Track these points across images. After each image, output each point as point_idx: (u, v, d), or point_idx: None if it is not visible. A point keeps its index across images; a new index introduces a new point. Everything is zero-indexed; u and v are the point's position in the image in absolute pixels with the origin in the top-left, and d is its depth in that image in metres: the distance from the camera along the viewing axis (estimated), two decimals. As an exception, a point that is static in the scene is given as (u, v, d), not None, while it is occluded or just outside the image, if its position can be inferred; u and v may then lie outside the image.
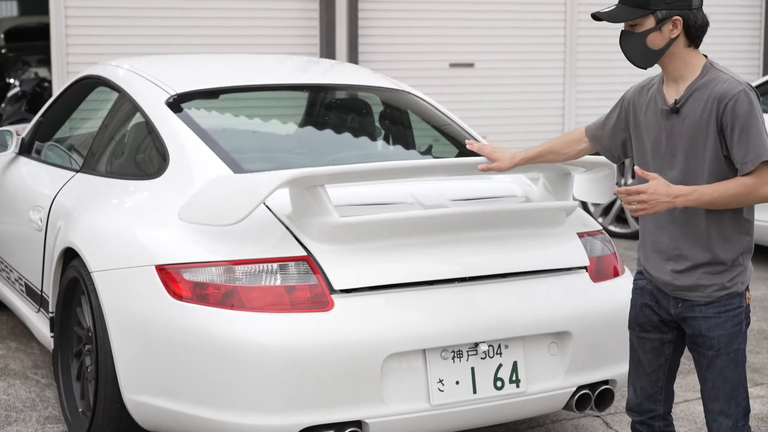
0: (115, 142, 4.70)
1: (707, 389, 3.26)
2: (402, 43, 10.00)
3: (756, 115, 3.04)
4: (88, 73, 5.31)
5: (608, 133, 3.44)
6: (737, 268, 3.20)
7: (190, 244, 3.70)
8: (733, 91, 3.06)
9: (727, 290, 3.18)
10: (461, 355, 3.72)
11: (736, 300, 3.20)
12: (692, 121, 3.12)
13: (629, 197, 3.06)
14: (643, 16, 3.12)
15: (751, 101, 3.05)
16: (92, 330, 3.96)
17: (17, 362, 5.32)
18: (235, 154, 4.15)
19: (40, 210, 4.79)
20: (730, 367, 3.20)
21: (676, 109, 3.15)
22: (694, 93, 3.13)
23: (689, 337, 3.27)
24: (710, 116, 3.08)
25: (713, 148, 3.10)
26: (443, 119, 4.98)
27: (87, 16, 8.98)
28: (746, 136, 3.03)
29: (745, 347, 3.24)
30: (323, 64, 5.99)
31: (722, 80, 3.10)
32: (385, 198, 3.92)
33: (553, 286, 3.91)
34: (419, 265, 3.72)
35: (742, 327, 3.22)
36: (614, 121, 3.41)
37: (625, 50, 3.21)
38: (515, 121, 10.36)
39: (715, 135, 3.08)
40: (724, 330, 3.18)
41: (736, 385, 3.22)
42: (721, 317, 3.18)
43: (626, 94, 3.39)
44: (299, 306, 3.55)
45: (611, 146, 3.45)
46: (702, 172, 3.12)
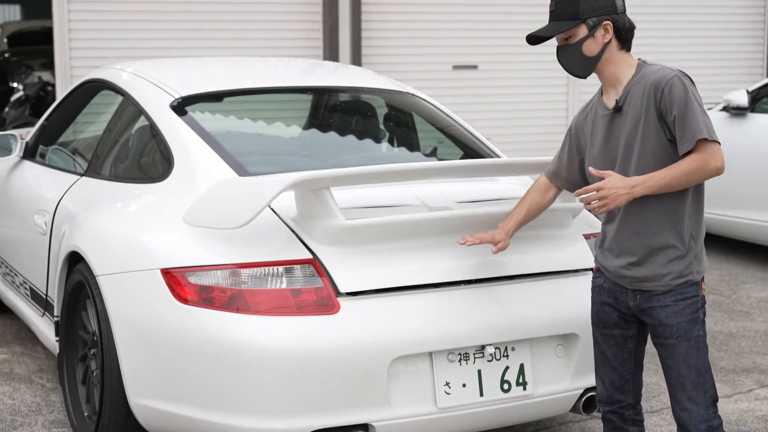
0: (119, 145, 4.70)
1: (673, 379, 3.35)
2: (405, 45, 9.99)
3: (690, 97, 3.20)
4: (92, 77, 5.30)
5: (565, 165, 3.59)
6: (690, 255, 3.31)
7: (195, 248, 3.69)
8: (667, 77, 3.22)
9: (683, 278, 3.31)
10: (468, 358, 3.71)
11: (692, 289, 3.32)
12: (634, 114, 3.28)
13: (588, 196, 3.21)
14: (575, 27, 3.31)
15: (684, 84, 3.21)
16: (97, 334, 3.96)
17: (22, 366, 5.32)
18: (239, 157, 4.14)
19: (45, 214, 4.79)
20: (692, 353, 3.31)
21: (618, 108, 3.32)
22: (632, 89, 3.30)
23: (650, 328, 3.39)
24: (649, 105, 3.24)
25: (657, 136, 3.25)
26: (448, 121, 4.97)
27: (90, 20, 8.98)
28: (683, 117, 3.19)
29: (705, 336, 3.35)
30: (327, 66, 5.98)
31: (655, 70, 3.29)
32: (390, 200, 3.91)
33: (559, 287, 3.91)
34: (425, 268, 3.71)
35: (700, 315, 3.35)
36: (567, 152, 3.58)
37: (564, 63, 3.39)
38: (519, 122, 10.35)
39: (656, 122, 3.24)
40: (682, 317, 3.31)
41: (701, 372, 3.32)
42: (678, 305, 3.31)
43: (571, 124, 3.58)
44: (305, 309, 3.54)
45: (570, 176, 3.60)
46: (651, 161, 3.26)
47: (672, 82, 3.21)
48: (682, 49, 10.98)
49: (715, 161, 3.20)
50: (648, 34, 10.56)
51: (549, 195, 3.67)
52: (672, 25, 10.94)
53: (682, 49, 10.98)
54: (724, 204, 7.86)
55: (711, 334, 5.97)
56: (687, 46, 11.05)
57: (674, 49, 10.89)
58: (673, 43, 10.93)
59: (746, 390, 5.07)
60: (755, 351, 5.67)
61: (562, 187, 3.65)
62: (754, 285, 7.23)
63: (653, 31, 10.67)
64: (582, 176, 3.56)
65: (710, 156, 3.19)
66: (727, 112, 8.03)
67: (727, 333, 6.02)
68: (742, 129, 7.86)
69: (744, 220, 7.82)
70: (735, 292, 7.03)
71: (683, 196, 3.30)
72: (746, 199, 7.75)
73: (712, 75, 11.00)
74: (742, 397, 4.96)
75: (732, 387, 5.11)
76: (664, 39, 10.83)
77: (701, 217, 3.38)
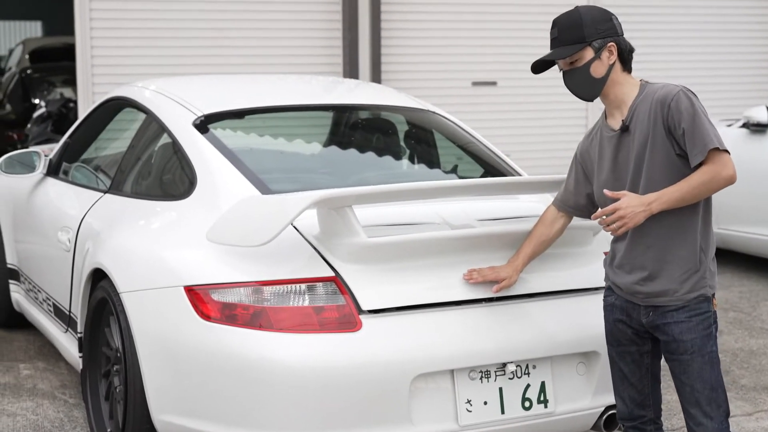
0: (142, 162, 4.73)
1: (686, 394, 3.38)
2: (425, 62, 10.03)
3: (697, 110, 3.24)
4: (115, 95, 5.35)
5: (572, 192, 3.64)
6: (702, 269, 3.34)
7: (218, 265, 3.71)
8: (672, 92, 3.28)
9: (695, 293, 3.34)
10: (489, 376, 3.72)
11: (704, 304, 3.35)
12: (642, 132, 3.32)
13: (607, 218, 3.25)
14: (582, 50, 3.37)
15: (689, 98, 3.26)
16: (121, 350, 3.98)
17: (45, 382, 5.35)
18: (262, 174, 4.16)
19: (69, 231, 4.83)
20: (706, 368, 3.34)
21: (625, 127, 3.37)
22: (638, 108, 3.35)
23: (663, 344, 3.41)
24: (656, 121, 3.28)
25: (666, 151, 3.29)
26: (468, 138, 4.99)
27: (112, 37, 9.05)
28: (692, 129, 3.22)
29: (717, 350, 3.38)
30: (348, 84, 6.01)
31: (659, 87, 3.34)
32: (411, 218, 3.93)
33: (580, 305, 3.91)
34: (447, 285, 3.73)
35: (713, 330, 3.37)
36: (573, 179, 3.62)
37: (572, 86, 3.44)
38: (538, 139, 10.36)
39: (664, 138, 3.28)
40: (696, 333, 3.33)
41: (714, 387, 3.35)
42: (692, 321, 3.33)
43: (576, 151, 3.63)
44: (327, 326, 3.56)
45: (577, 203, 3.64)
46: (661, 177, 3.29)
47: (677, 96, 3.26)
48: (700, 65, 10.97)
49: (727, 170, 3.23)
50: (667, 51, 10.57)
51: (557, 226, 3.73)
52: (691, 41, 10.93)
53: (701, 65, 10.97)
54: (745, 220, 7.84)
55: (732, 352, 5.95)
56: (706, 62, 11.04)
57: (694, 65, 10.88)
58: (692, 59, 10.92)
59: (767, 408, 5.06)
60: (776, 368, 5.66)
61: (571, 214, 3.68)
62: (759, 299, 7.21)
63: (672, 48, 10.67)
64: (589, 201, 3.59)
65: (722, 166, 3.22)
66: (747, 128, 8.02)
67: (748, 350, 6.00)
68: (762, 145, 7.84)
69: (764, 237, 7.80)
70: (756, 309, 7.01)
71: (695, 209, 3.33)
72: (766, 215, 7.72)
73: (731, 92, 10.98)
74: (764, 415, 4.95)
75: (753, 405, 5.09)
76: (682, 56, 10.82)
77: (711, 230, 3.40)
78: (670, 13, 10.73)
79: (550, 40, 3.44)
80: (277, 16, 9.53)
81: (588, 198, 3.59)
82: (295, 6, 9.59)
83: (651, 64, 9.99)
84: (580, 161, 3.59)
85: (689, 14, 10.88)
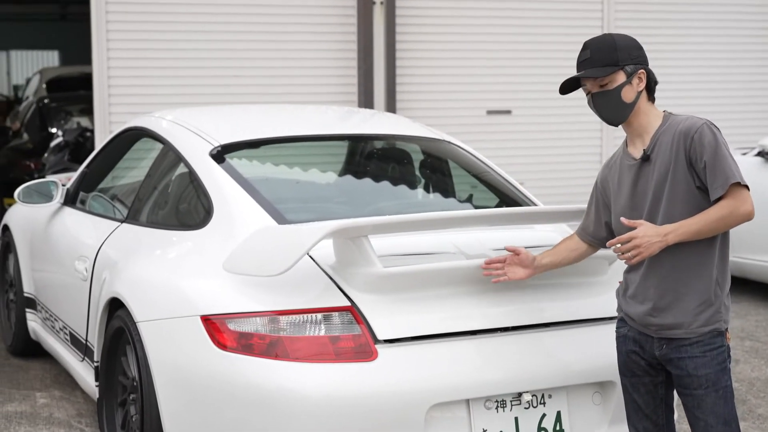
0: (159, 192, 4.76)
1: (700, 429, 3.37)
2: (439, 90, 10.06)
3: (720, 144, 3.25)
4: (132, 125, 5.39)
5: (593, 220, 3.64)
6: (717, 303, 3.33)
7: (235, 295, 3.73)
8: (696, 125, 3.29)
9: (709, 327, 3.33)
10: (505, 405, 3.72)
11: (718, 339, 3.35)
12: (663, 163, 3.32)
13: (622, 246, 3.26)
14: (615, 72, 3.37)
15: (713, 132, 3.27)
16: (137, 379, 4.00)
17: (61, 411, 5.37)
18: (278, 204, 4.19)
19: (86, 260, 4.86)
20: (720, 403, 3.33)
21: (646, 157, 3.37)
22: (660, 138, 3.35)
23: (676, 378, 3.40)
24: (678, 153, 3.29)
25: (686, 183, 3.30)
26: (483, 168, 5.01)
27: (129, 67, 9.11)
28: (713, 163, 3.23)
29: (731, 384, 3.36)
30: (363, 113, 6.04)
31: (683, 119, 3.34)
32: (427, 248, 3.95)
33: (596, 335, 3.91)
34: (462, 315, 3.74)
35: (727, 364, 3.36)
36: (594, 207, 3.63)
37: (601, 108, 3.43)
38: (552, 167, 10.36)
39: (685, 170, 3.28)
40: (711, 368, 3.32)
41: (728, 421, 3.34)
42: (706, 356, 3.32)
43: (597, 179, 3.63)
44: (343, 356, 3.57)
45: (597, 231, 3.64)
46: (680, 208, 3.30)
47: (701, 129, 3.27)
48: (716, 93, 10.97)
49: (746, 206, 3.24)
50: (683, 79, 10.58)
51: (576, 254, 3.72)
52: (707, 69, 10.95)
53: (717, 93, 10.98)
54: (761, 249, 7.82)
55: (748, 381, 5.93)
56: (722, 90, 11.04)
57: (709, 93, 10.89)
58: (708, 87, 10.93)
59: (785, 438, 5.04)
60: (793, 398, 5.63)
61: (591, 243, 3.68)
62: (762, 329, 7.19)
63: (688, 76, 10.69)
64: (609, 231, 3.59)
65: (741, 201, 3.23)
66: (762, 157, 8.02)
67: (765, 379, 5.97)
68: (777, 174, 7.83)
69: (780, 266, 7.78)
70: (772, 338, 6.99)
71: (712, 243, 3.32)
72: (782, 244, 7.71)
73: (746, 119, 10.98)
74: (781, 445, 4.93)
75: (770, 435, 5.07)
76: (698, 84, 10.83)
77: (727, 265, 3.40)
78: (683, 42, 10.75)
79: (578, 62, 3.43)
80: (292, 46, 9.59)
81: (608, 227, 3.59)
82: (311, 36, 9.65)
83: (663, 93, 10.01)
84: (600, 189, 3.59)
85: (702, 43, 10.89)
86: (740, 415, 5.15)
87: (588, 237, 3.67)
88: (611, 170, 3.54)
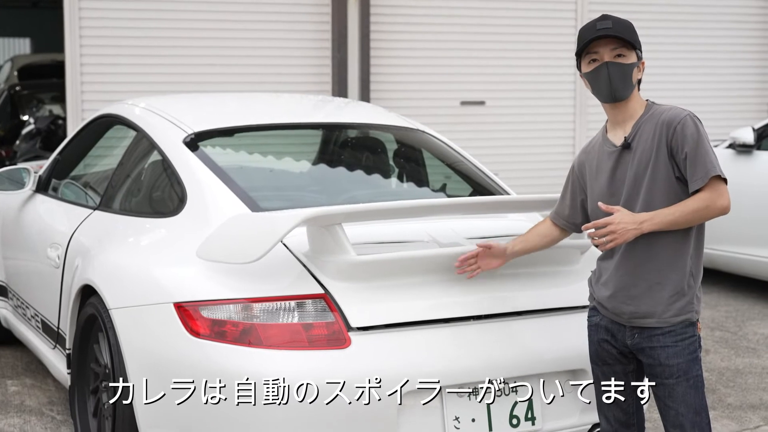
0: (132, 180, 4.75)
1: (671, 417, 3.38)
2: (413, 81, 10.08)
3: (702, 136, 3.28)
4: (106, 112, 5.36)
5: (568, 204, 3.64)
6: (690, 293, 3.36)
7: (208, 282, 3.73)
8: (680, 116, 3.31)
9: (681, 317, 3.35)
10: (477, 393, 3.74)
11: (690, 329, 3.37)
12: (644, 151, 3.34)
13: (597, 231, 3.26)
14: (632, 49, 3.39)
15: (696, 124, 3.29)
16: (110, 367, 3.99)
17: (33, 398, 5.35)
18: (252, 192, 4.19)
19: (58, 247, 4.83)
20: (690, 393, 3.35)
21: (627, 144, 3.37)
22: (642, 126, 3.37)
23: (647, 367, 3.42)
24: (660, 142, 3.30)
25: (666, 173, 3.31)
26: (456, 157, 5.03)
27: (102, 55, 9.07)
28: (694, 155, 3.25)
29: (702, 374, 3.39)
30: (338, 102, 6.04)
31: (666, 109, 3.36)
32: (400, 236, 3.96)
33: (568, 323, 3.93)
34: (435, 303, 3.75)
35: (698, 354, 3.39)
36: (569, 192, 3.63)
37: (613, 77, 3.37)
38: (526, 158, 10.41)
39: (666, 159, 3.30)
40: (682, 358, 3.34)
41: (698, 411, 3.36)
42: (678, 346, 3.34)
43: (573, 164, 3.63)
44: (316, 343, 3.58)
45: (572, 216, 3.64)
46: (659, 198, 3.31)
47: (685, 120, 3.28)
48: (688, 86, 11.06)
49: (722, 200, 3.26)
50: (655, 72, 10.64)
51: (549, 239, 3.72)
52: (679, 62, 11.02)
53: (688, 86, 11.06)
54: (731, 240, 7.89)
55: (718, 371, 5.98)
56: (693, 83, 11.12)
57: (681, 86, 10.96)
58: (680, 80, 11.00)
59: (753, 426, 5.08)
60: (762, 387, 5.69)
61: (564, 228, 3.68)
62: (761, 321, 7.25)
63: (660, 69, 10.75)
64: (584, 215, 3.60)
65: (718, 195, 3.25)
66: (733, 149, 8.08)
67: (734, 369, 6.03)
68: (748, 166, 7.90)
69: (750, 257, 7.85)
70: (741, 328, 7.05)
71: (688, 234, 3.34)
72: (752, 235, 7.78)
73: (717, 112, 11.06)
74: (750, 434, 4.99)
75: (739, 423, 5.12)
76: (670, 76, 10.90)
77: (702, 256, 3.42)
78: (654, 35, 10.81)
79: (596, 29, 3.34)
80: (266, 35, 9.58)
81: (583, 211, 3.60)
82: (285, 25, 9.64)
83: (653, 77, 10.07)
84: (577, 174, 3.59)
85: (673, 36, 10.96)
86: (710, 404, 5.20)
87: (562, 221, 3.67)
88: (589, 155, 3.54)
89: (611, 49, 3.37)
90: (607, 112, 3.48)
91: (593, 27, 3.38)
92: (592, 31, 3.37)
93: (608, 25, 3.35)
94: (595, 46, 3.38)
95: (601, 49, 3.38)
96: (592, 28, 3.38)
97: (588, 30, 3.39)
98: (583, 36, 3.40)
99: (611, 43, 3.37)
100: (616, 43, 3.37)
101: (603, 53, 3.38)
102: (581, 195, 3.58)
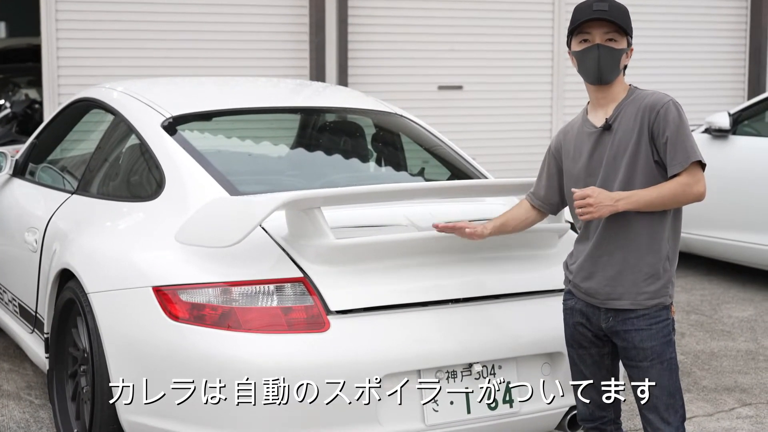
0: (110, 164, 4.73)
1: (645, 400, 3.41)
2: (391, 66, 10.07)
3: (683, 122, 3.32)
4: (83, 96, 5.34)
5: (544, 185, 3.65)
6: (665, 277, 3.39)
7: (186, 266, 3.73)
8: (662, 101, 3.35)
9: (655, 300, 3.38)
10: (455, 376, 3.76)
11: (663, 313, 3.40)
12: (624, 132, 3.36)
13: (577, 202, 3.29)
14: (624, 35, 3.41)
15: (678, 110, 3.33)
16: (88, 351, 3.99)
17: (11, 383, 5.34)
18: (230, 176, 4.18)
19: (35, 232, 4.82)
20: (665, 375, 3.39)
21: (608, 125, 3.39)
22: (624, 109, 3.39)
23: (622, 350, 3.45)
24: (642, 125, 3.33)
25: (645, 156, 3.34)
26: (434, 141, 5.04)
27: (78, 38, 9.02)
28: (675, 139, 3.29)
29: (676, 357, 3.43)
30: (316, 86, 6.04)
31: (649, 94, 3.40)
32: (379, 220, 3.97)
33: (545, 307, 3.96)
34: (414, 287, 3.77)
35: (672, 337, 3.42)
36: (546, 172, 3.64)
37: (603, 59, 3.38)
38: (503, 142, 10.43)
39: (647, 142, 3.33)
40: (656, 341, 3.38)
41: (672, 393, 3.40)
42: (652, 329, 3.38)
43: (550, 144, 3.64)
44: (295, 327, 3.59)
45: (548, 196, 3.65)
46: (637, 179, 3.34)
47: (668, 106, 3.32)
48: (665, 71, 11.09)
49: (699, 186, 3.30)
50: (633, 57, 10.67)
51: (527, 221, 3.72)
52: (655, 47, 11.05)
53: (665, 71, 11.09)
54: (706, 225, 7.94)
55: (693, 354, 6.04)
56: (670, 68, 11.16)
57: (657, 71, 10.99)
58: (656, 65, 11.04)
59: (728, 409, 5.13)
60: (736, 370, 5.74)
61: (541, 209, 3.69)
62: (736, 305, 7.31)
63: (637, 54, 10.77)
64: (560, 196, 3.62)
65: (695, 181, 3.29)
66: (709, 134, 8.13)
67: (709, 352, 6.08)
68: (723, 151, 7.95)
69: (725, 241, 7.90)
70: (717, 312, 7.11)
71: (664, 217, 3.37)
72: (727, 220, 7.83)
73: (694, 97, 11.11)
74: (724, 416, 5.03)
75: (714, 406, 5.17)
76: (648, 62, 10.93)
77: (678, 240, 3.45)
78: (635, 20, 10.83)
79: (592, 10, 3.35)
80: (244, 19, 9.54)
81: (560, 192, 3.61)
82: (263, 9, 9.61)
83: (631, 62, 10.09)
84: (554, 154, 3.61)
85: (650, 21, 10.99)
86: (685, 387, 5.25)
87: (538, 202, 3.68)
88: (567, 136, 3.55)
89: (604, 32, 3.39)
90: (590, 94, 3.50)
91: (589, 7, 3.38)
92: (587, 12, 3.38)
93: (604, 8, 3.36)
94: (588, 27, 3.39)
95: (594, 31, 3.39)
96: (588, 8, 3.39)
97: (583, 10, 3.40)
98: (577, 15, 3.41)
99: (605, 26, 3.38)
100: (609, 27, 3.38)
101: (595, 35, 3.39)
102: (558, 175, 3.60)
